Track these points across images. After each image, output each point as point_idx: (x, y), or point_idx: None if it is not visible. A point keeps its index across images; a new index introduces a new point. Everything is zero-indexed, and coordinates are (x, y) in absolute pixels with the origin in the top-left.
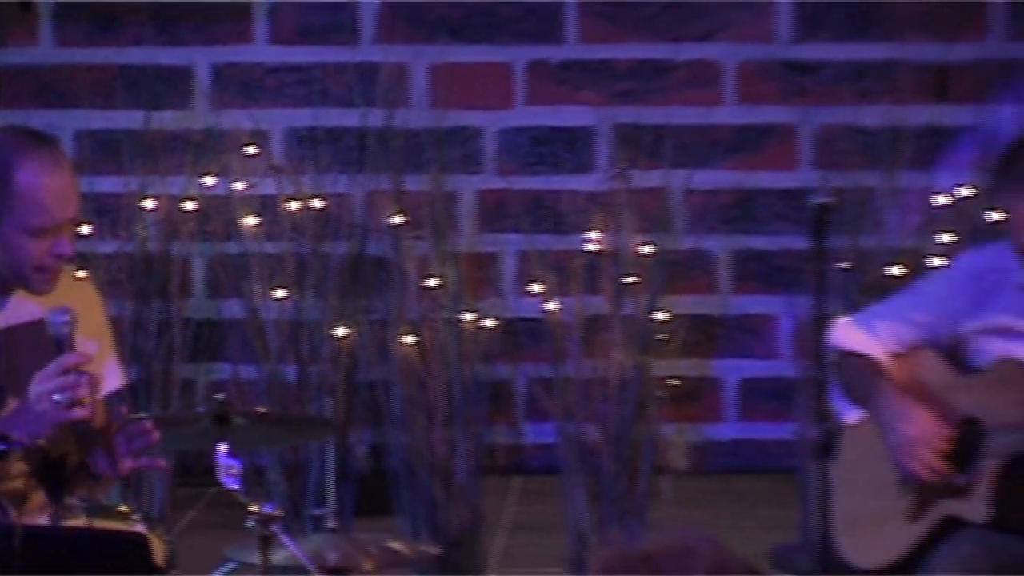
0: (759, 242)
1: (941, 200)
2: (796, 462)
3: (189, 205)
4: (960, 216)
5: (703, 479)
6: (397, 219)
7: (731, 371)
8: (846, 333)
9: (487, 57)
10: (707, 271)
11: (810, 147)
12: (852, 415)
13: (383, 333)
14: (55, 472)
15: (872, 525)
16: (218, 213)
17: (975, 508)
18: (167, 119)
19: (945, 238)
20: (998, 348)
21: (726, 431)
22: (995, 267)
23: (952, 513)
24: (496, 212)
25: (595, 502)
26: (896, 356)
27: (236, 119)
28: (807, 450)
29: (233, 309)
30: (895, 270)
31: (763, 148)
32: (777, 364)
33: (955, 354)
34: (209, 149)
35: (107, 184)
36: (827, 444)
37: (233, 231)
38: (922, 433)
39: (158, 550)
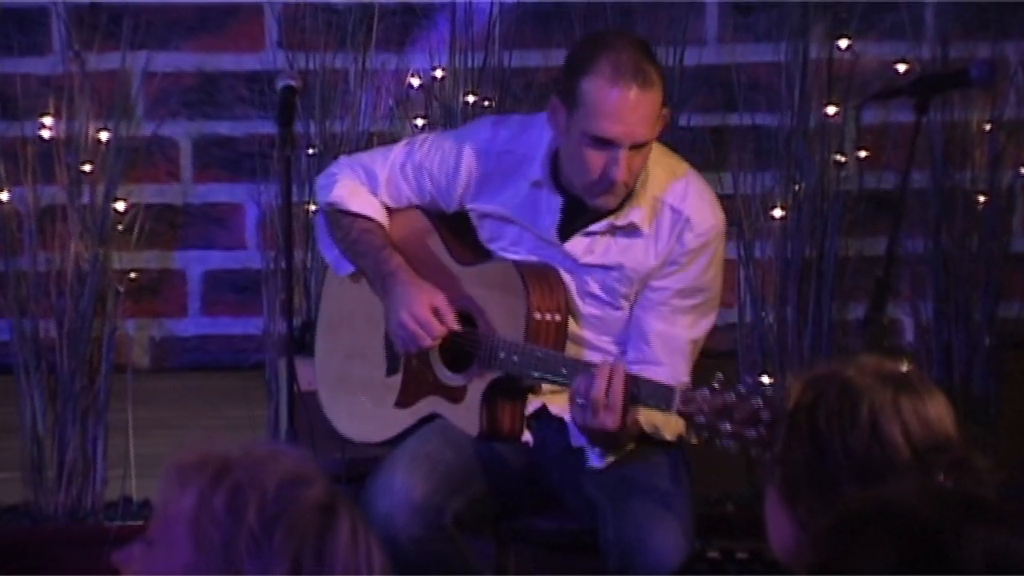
0: (223, 127)
1: (415, 82)
2: (264, 358)
3: None
4: (434, 99)
5: (167, 376)
6: None
7: (195, 263)
8: (350, 191)
9: None
10: (169, 158)
11: (276, 27)
12: (346, 268)
13: None
14: None
15: (362, 397)
16: None
17: (462, 417)
18: None
19: (419, 122)
20: (499, 242)
21: (190, 326)
22: (517, 151)
23: (440, 412)
24: None
25: (52, 402)
26: (394, 213)
27: None
28: (275, 346)
29: None
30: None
31: (227, 28)
32: (243, 255)
33: (459, 225)
34: None
35: None
36: (298, 340)
37: None
38: (425, 317)
39: None
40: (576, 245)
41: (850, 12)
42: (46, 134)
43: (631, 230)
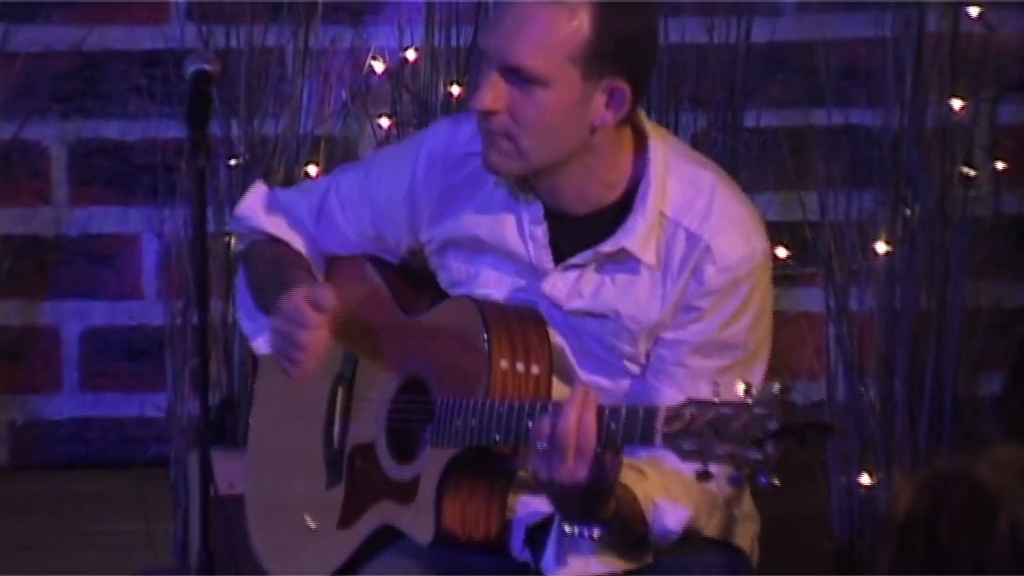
0: (110, 129)
1: (378, 66)
2: (168, 450)
3: None
4: (404, 89)
5: (32, 477)
6: None
7: (72, 318)
8: (264, 204)
9: None
10: (35, 171)
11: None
12: (263, 346)
13: None
14: None
15: (295, 524)
16: None
17: (414, 520)
18: None
19: (384, 122)
20: (467, 285)
21: (65, 406)
22: (473, 152)
23: (391, 522)
24: None
25: None
26: (333, 261)
27: None
28: (184, 433)
29: None
30: (312, 169)
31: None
32: (139, 306)
33: (413, 272)
34: None
35: None
36: (215, 424)
37: None
38: (297, 309)
39: None
40: (557, 285)
41: None
42: None
43: (625, 259)
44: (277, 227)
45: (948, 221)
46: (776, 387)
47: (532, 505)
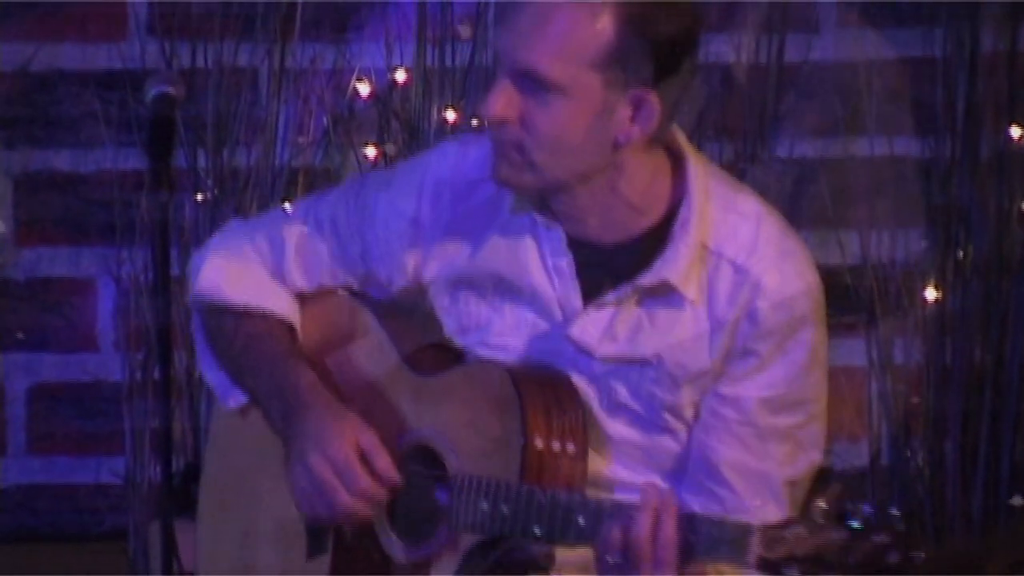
0: (61, 160)
1: (363, 89)
2: (126, 521)
3: None
4: (393, 115)
5: None
6: None
7: (18, 373)
8: (228, 273)
9: None
10: None
11: (146, 4)
12: (236, 397)
13: None
14: None
15: None
16: None
17: None
18: None
19: (370, 151)
20: (477, 333)
21: (11, 471)
22: (484, 177)
23: None
24: None
25: None
26: (309, 302)
27: None
28: (144, 502)
29: None
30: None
31: (69, 4)
32: (94, 360)
33: (412, 316)
34: None
35: None
36: (180, 492)
37: None
38: (345, 463)
39: None
40: (587, 328)
41: None
42: None
43: (667, 293)
44: (248, 296)
45: (1006, 265)
46: (896, 512)
47: None
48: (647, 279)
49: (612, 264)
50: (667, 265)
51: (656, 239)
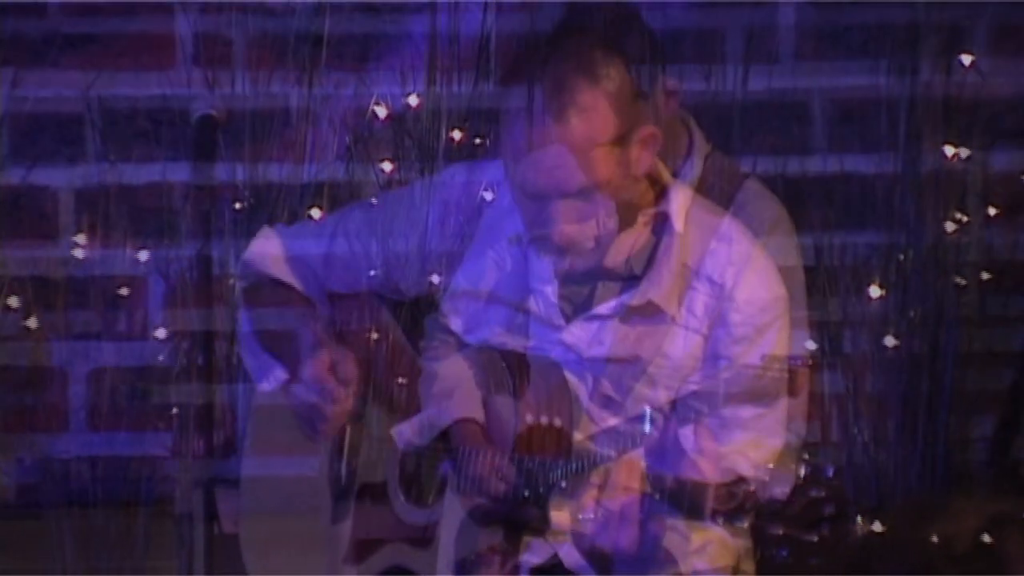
0: (120, 174)
1: (381, 112)
2: (172, 490)
3: None
4: (407, 135)
5: (38, 515)
6: None
7: (80, 358)
8: (272, 250)
9: None
10: (42, 214)
11: (191, 37)
12: (276, 375)
13: None
14: None
15: (301, 561)
16: None
17: (432, 565)
18: None
19: (387, 166)
20: (479, 332)
21: (72, 444)
22: (501, 202)
23: (403, 564)
24: None
25: None
26: (336, 301)
27: None
28: (188, 473)
29: None
30: (315, 212)
31: (122, 38)
32: (144, 347)
33: (428, 311)
34: None
35: None
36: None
37: None
38: (317, 377)
39: None
40: (577, 334)
41: (974, 17)
42: None
43: (652, 313)
44: (281, 271)
45: (941, 266)
46: (831, 470)
47: (536, 546)
48: (635, 300)
49: (602, 283)
50: (652, 287)
51: (640, 261)
